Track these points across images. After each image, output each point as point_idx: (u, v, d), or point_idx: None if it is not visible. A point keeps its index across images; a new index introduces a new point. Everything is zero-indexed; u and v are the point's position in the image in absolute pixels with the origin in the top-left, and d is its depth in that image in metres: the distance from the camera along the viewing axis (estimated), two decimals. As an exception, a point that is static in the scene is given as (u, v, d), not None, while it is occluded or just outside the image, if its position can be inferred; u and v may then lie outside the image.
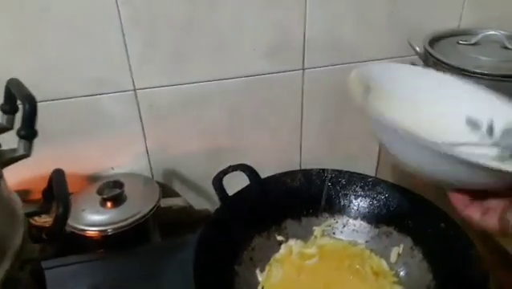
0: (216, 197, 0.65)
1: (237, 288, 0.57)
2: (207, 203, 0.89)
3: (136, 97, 0.74)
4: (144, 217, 0.73)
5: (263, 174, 0.69)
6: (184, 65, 0.74)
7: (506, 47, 0.73)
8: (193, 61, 0.74)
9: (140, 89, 0.74)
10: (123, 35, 0.68)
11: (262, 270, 0.62)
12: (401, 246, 0.62)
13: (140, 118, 0.76)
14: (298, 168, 0.91)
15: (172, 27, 0.70)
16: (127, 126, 0.77)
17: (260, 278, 0.60)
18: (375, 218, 0.66)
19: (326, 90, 0.84)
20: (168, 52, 0.72)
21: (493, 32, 0.75)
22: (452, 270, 0.54)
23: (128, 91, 0.73)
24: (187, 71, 0.74)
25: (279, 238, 0.66)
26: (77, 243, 0.72)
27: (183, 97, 0.76)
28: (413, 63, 0.83)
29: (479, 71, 0.67)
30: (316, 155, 0.92)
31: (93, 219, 0.71)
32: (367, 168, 0.96)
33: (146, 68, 0.72)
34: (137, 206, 0.74)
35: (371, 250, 0.65)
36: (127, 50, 0.70)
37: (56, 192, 0.42)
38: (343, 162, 0.89)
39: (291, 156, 0.91)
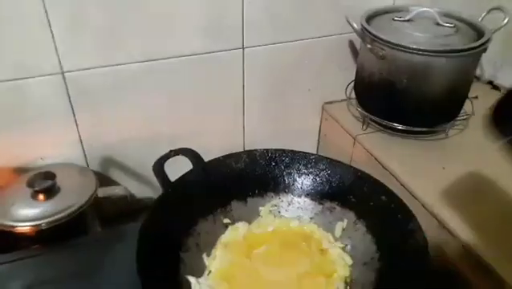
0: (158, 184, 0.62)
1: (184, 275, 0.55)
2: (150, 191, 0.86)
3: (65, 80, 0.69)
4: (80, 208, 0.68)
5: (206, 159, 0.67)
6: (115, 44, 0.69)
7: (438, 24, 0.75)
8: (126, 40, 0.69)
9: (68, 72, 0.68)
10: (46, 11, 0.62)
11: (208, 255, 0.60)
12: (345, 220, 0.64)
13: (71, 103, 0.71)
14: (242, 150, 0.90)
15: (102, 2, 0.65)
16: (56, 112, 0.71)
17: (207, 263, 0.59)
18: (318, 195, 0.67)
19: (267, 69, 0.83)
20: (97, 30, 0.67)
21: (425, 9, 0.78)
22: (394, 240, 0.56)
23: (55, 74, 0.68)
24: (119, 51, 0.70)
25: (225, 220, 0.65)
26: (8, 241, 0.66)
27: (116, 80, 0.72)
28: (351, 40, 0.85)
29: (414, 46, 0.69)
30: (259, 136, 0.91)
31: (24, 214, 0.66)
32: (309, 145, 0.97)
33: (74, 48, 0.67)
34: (72, 197, 0.69)
35: (317, 225, 0.65)
36: (51, 28, 0.64)
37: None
38: (285, 141, 0.90)
39: (234, 138, 0.89)
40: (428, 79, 0.73)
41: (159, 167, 0.61)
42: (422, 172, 0.72)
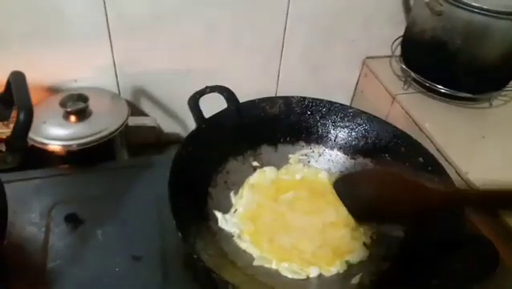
0: (187, 121, 0.62)
1: (211, 209, 0.56)
2: (178, 126, 0.85)
3: (105, 3, 0.66)
4: (110, 134, 0.68)
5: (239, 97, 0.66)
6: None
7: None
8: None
9: (108, -8, 0.65)
10: None
11: (235, 194, 0.60)
12: (377, 178, 0.62)
13: (108, 27, 0.69)
14: (274, 94, 0.88)
15: None
16: (92, 34, 0.69)
17: (233, 201, 0.59)
18: (352, 149, 0.65)
19: (312, 13, 0.79)
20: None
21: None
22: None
23: (96, -7, 0.65)
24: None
25: (254, 163, 0.65)
26: (39, 157, 0.67)
27: (155, 8, 0.69)
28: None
29: (476, 4, 0.64)
30: (293, 82, 0.88)
31: (55, 133, 0.66)
32: (342, 100, 0.94)
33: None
34: (104, 122, 0.69)
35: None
36: None
37: (16, 96, 0.37)
38: (318, 92, 0.87)
39: (267, 82, 0.87)
40: (485, 43, 0.68)
41: (194, 102, 0.59)
42: (460, 139, 0.70)
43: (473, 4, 0.64)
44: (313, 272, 0.52)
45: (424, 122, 0.73)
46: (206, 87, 0.62)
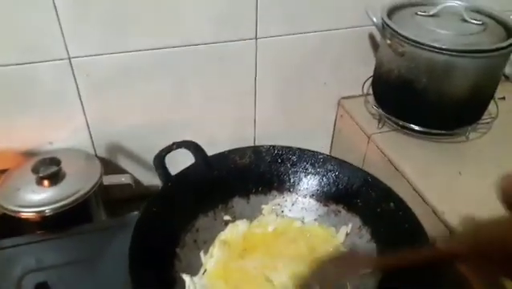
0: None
1: (178, 272, 0.55)
2: (156, 179, 0.84)
3: (71, 66, 0.68)
4: (84, 195, 0.68)
5: (215, 149, 0.66)
6: (123, 31, 0.67)
7: (465, 20, 0.70)
8: (134, 27, 0.67)
9: (75, 57, 0.67)
10: (51, -6, 0.61)
11: (206, 253, 0.59)
12: (349, 225, 0.61)
13: (78, 89, 0.70)
14: (252, 143, 0.89)
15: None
16: (63, 98, 0.71)
17: (204, 261, 0.58)
18: (324, 196, 0.65)
19: (281, 60, 0.80)
20: (104, 15, 0.65)
21: (452, 3, 0.73)
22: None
23: (62, 59, 0.67)
24: (127, 39, 0.68)
25: (226, 217, 0.64)
26: (12, 226, 0.67)
27: (124, 67, 0.70)
28: (371, 34, 0.81)
29: (436, 45, 0.65)
30: (271, 129, 0.88)
31: (29, 199, 0.66)
32: (323, 142, 0.94)
33: (81, 34, 0.65)
34: (77, 184, 0.69)
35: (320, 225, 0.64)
36: (57, 11, 0.62)
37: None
38: (298, 137, 0.88)
39: (245, 130, 0.87)
40: (450, 80, 0.68)
41: (159, 160, 0.59)
42: (436, 177, 0.69)
43: (433, 44, 0.65)
44: None
45: (399, 161, 0.72)
46: (173, 144, 0.62)
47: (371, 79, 0.84)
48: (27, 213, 0.65)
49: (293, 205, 0.66)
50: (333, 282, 0.46)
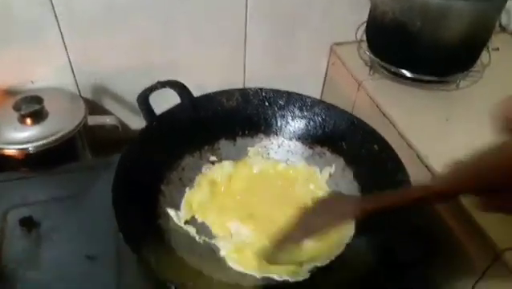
0: None
1: (162, 207, 0.55)
2: (142, 123, 0.83)
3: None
4: (68, 134, 0.68)
5: (203, 93, 0.64)
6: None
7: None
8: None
9: (54, -11, 0.64)
10: None
11: (191, 188, 0.59)
12: (333, 166, 0.62)
13: (58, 24, 0.67)
14: (242, 87, 0.87)
15: None
16: (43, 33, 0.68)
17: (188, 197, 0.58)
18: (310, 139, 0.65)
19: (272, 3, 0.77)
20: None
21: None
22: (380, 190, 0.53)
23: (40, -10, 0.64)
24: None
25: (212, 158, 0.64)
26: (-4, 162, 0.66)
27: (108, 2, 0.67)
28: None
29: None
30: (261, 75, 0.87)
31: (11, 137, 0.65)
32: (314, 89, 0.93)
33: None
34: (61, 123, 0.68)
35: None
36: None
37: None
38: (289, 84, 0.86)
39: (234, 75, 0.85)
40: (444, 24, 0.66)
41: (143, 98, 0.58)
42: (423, 123, 0.68)
43: (428, -15, 0.63)
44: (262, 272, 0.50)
45: (387, 107, 0.71)
46: (157, 83, 0.61)
47: (364, 25, 0.82)
48: (10, 150, 0.65)
49: (279, 147, 0.66)
50: (318, 231, 0.44)
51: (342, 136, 0.61)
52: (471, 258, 0.53)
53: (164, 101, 0.62)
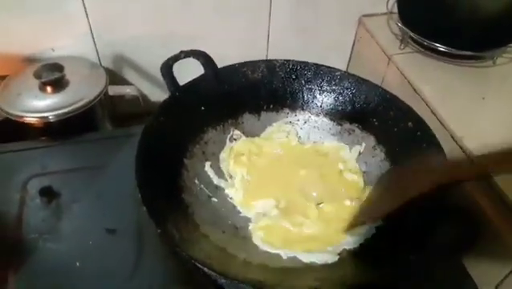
0: None
1: (185, 181, 0.53)
2: (163, 94, 0.81)
3: (74, -36, 0.62)
4: (89, 103, 0.66)
5: (225, 64, 0.62)
6: None
7: None
8: None
9: (77, -47, 0.61)
10: None
11: (213, 165, 0.58)
12: (363, 144, 0.59)
13: (79, -11, 0.65)
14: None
15: None
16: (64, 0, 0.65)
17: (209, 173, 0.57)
18: (338, 115, 0.62)
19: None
20: None
21: None
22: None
23: (63, -45, 0.61)
24: None
25: (236, 132, 0.62)
26: (15, 130, 0.65)
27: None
28: None
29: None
30: (285, 48, 0.83)
31: (31, 105, 0.64)
32: (339, 62, 0.89)
33: None
34: (81, 92, 0.66)
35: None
36: None
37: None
38: (313, 56, 0.83)
39: (257, 47, 0.82)
40: (486, -7, 0.62)
41: (167, 68, 0.56)
42: (457, 101, 0.65)
43: (473, -50, 0.58)
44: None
45: (420, 84, 0.68)
46: (181, 52, 0.58)
47: (396, -5, 0.77)
48: (30, 118, 0.63)
49: (305, 123, 0.63)
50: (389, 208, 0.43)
51: (373, 112, 0.58)
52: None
53: (187, 72, 0.60)
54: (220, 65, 0.61)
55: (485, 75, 0.71)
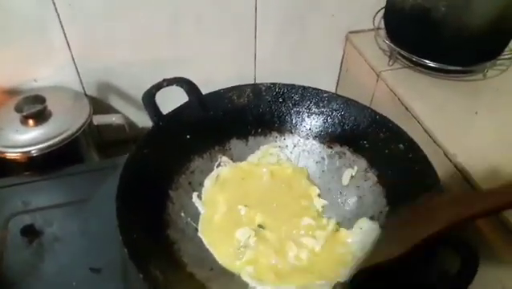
0: None
1: (172, 215, 0.51)
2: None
3: (50, -8, 0.61)
4: (73, 134, 0.64)
5: (213, 88, 0.60)
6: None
7: None
8: None
9: (53, -18, 0.60)
10: None
11: (200, 196, 0.56)
12: (355, 167, 0.57)
13: (59, 19, 0.64)
14: (253, 81, 0.83)
15: None
16: (44, 29, 0.64)
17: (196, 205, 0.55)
18: (328, 137, 0.60)
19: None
20: None
21: None
22: (408, 196, 0.49)
23: (39, -16, 0.60)
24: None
25: (223, 159, 0.60)
26: (-1, 166, 0.63)
27: (109, -6, 0.63)
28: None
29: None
30: (273, 67, 0.82)
31: (13, 139, 0.62)
32: (328, 80, 0.88)
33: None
34: (64, 123, 0.65)
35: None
36: None
37: None
38: (302, 75, 0.81)
39: (244, 67, 0.81)
40: (471, 8, 0.61)
41: (149, 97, 0.54)
42: (449, 117, 0.64)
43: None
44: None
45: (409, 100, 0.67)
46: (164, 80, 0.57)
47: (382, 11, 0.76)
48: (12, 154, 0.62)
49: (294, 146, 0.61)
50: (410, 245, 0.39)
51: (363, 134, 0.57)
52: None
53: (172, 98, 0.58)
54: (208, 87, 0.60)
55: (477, 89, 0.70)
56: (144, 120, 0.80)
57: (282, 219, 0.52)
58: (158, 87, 0.55)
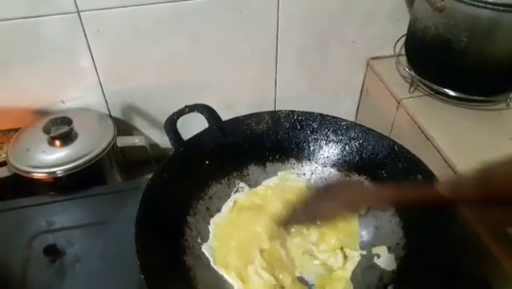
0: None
1: (189, 241, 0.52)
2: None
3: (81, 20, 0.64)
4: (97, 156, 0.66)
5: (233, 113, 0.62)
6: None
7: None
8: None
9: (84, 11, 0.63)
10: None
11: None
12: (373, 197, 0.57)
13: (88, 45, 0.66)
14: (273, 107, 0.84)
15: None
16: (74, 54, 0.67)
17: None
18: (346, 166, 0.60)
19: (305, 15, 0.73)
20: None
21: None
22: (426, 228, 0.49)
23: (71, 13, 0.63)
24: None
25: (241, 185, 0.60)
26: (24, 186, 0.66)
27: (135, 21, 0.66)
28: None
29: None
30: (293, 92, 0.83)
31: (40, 160, 0.65)
32: (348, 106, 0.89)
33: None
34: (89, 145, 0.67)
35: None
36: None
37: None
38: (322, 101, 0.82)
39: (265, 93, 0.82)
40: (494, 39, 0.61)
41: (170, 124, 0.56)
42: (470, 147, 0.63)
43: (478, -2, 0.57)
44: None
45: (430, 129, 0.66)
46: (185, 107, 0.58)
47: (404, 38, 0.77)
48: (38, 174, 0.64)
49: (312, 174, 0.62)
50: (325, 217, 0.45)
51: (381, 163, 0.57)
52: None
53: (192, 122, 0.60)
54: (228, 112, 0.61)
55: (500, 119, 0.69)
56: (165, 142, 0.81)
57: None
58: (180, 113, 0.57)
